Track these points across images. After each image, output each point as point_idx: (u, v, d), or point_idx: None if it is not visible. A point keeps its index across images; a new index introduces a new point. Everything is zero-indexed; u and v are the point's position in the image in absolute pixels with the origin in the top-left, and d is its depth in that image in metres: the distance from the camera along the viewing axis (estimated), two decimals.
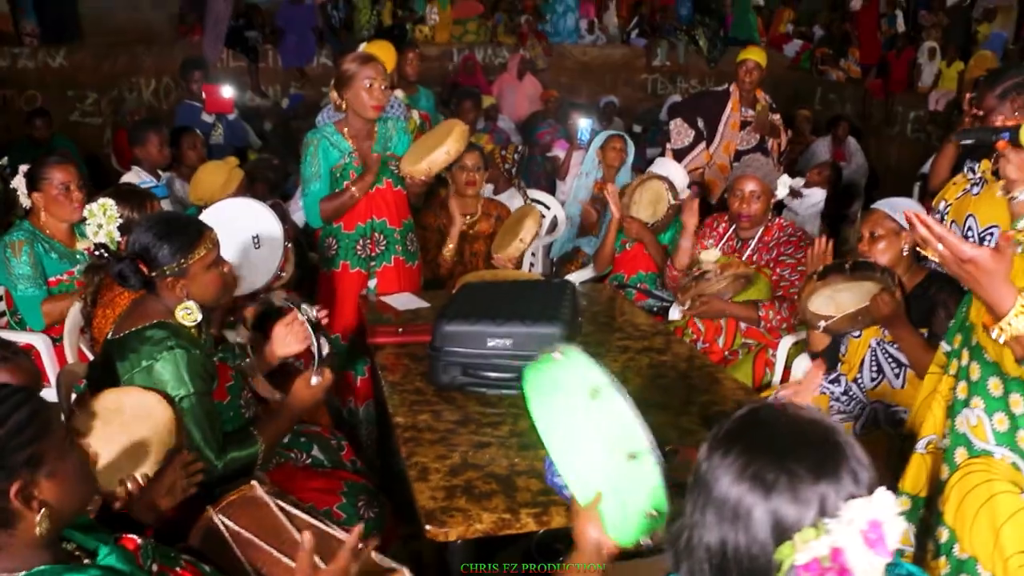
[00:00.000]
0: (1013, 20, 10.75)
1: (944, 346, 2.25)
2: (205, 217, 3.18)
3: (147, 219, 2.47)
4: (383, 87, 3.50)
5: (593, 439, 1.55)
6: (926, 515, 2.18)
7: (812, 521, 1.10)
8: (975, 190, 3.18)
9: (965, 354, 2.07)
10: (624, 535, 1.61)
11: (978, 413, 1.98)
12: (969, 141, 2.58)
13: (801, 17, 12.66)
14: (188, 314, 2.34)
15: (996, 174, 3.12)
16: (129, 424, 2.05)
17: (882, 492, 1.12)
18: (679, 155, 5.45)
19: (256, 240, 3.33)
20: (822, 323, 3.06)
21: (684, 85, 11.28)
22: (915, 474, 2.23)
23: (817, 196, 5.71)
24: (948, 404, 2.14)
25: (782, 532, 1.12)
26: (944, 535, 2.02)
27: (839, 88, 11.00)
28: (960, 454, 2.02)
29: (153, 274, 2.32)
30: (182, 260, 2.32)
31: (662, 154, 5.62)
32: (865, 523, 1.08)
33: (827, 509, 1.11)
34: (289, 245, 3.47)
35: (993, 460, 1.94)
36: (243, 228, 3.34)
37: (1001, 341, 1.74)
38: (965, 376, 2.05)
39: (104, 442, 1.98)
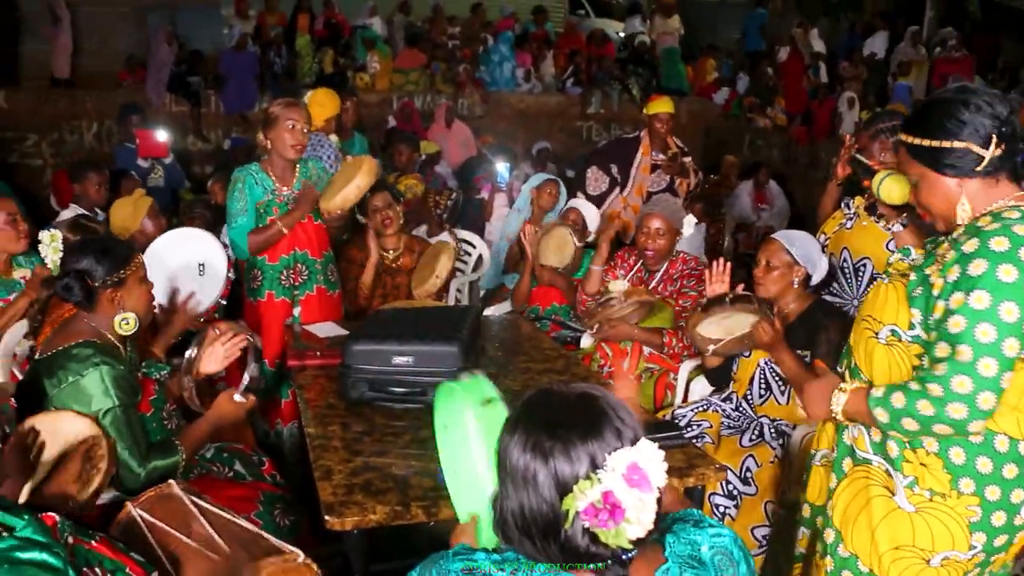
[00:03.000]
0: (925, 73, 11.34)
1: (839, 369, 2.47)
2: (156, 245, 3.59)
3: (81, 241, 2.72)
4: (304, 129, 3.76)
5: (478, 455, 1.74)
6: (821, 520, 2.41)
7: (585, 474, 1.34)
8: (848, 224, 3.48)
9: (847, 375, 2.28)
10: None
11: (859, 426, 2.19)
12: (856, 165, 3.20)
13: (729, 67, 13.18)
14: (126, 324, 2.58)
15: (868, 210, 3.44)
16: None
17: (643, 442, 1.37)
18: (597, 201, 5.59)
19: (201, 267, 3.62)
20: (711, 347, 3.32)
21: (618, 132, 11.40)
22: (813, 484, 2.51)
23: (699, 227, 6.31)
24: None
25: (563, 487, 1.34)
26: (831, 536, 2.24)
27: (766, 135, 11.40)
28: (847, 463, 2.23)
29: (96, 285, 2.55)
30: (121, 271, 2.58)
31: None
32: (625, 468, 1.32)
33: (597, 463, 1.34)
34: (231, 275, 3.74)
35: (871, 467, 2.16)
36: (190, 254, 3.66)
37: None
38: None
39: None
